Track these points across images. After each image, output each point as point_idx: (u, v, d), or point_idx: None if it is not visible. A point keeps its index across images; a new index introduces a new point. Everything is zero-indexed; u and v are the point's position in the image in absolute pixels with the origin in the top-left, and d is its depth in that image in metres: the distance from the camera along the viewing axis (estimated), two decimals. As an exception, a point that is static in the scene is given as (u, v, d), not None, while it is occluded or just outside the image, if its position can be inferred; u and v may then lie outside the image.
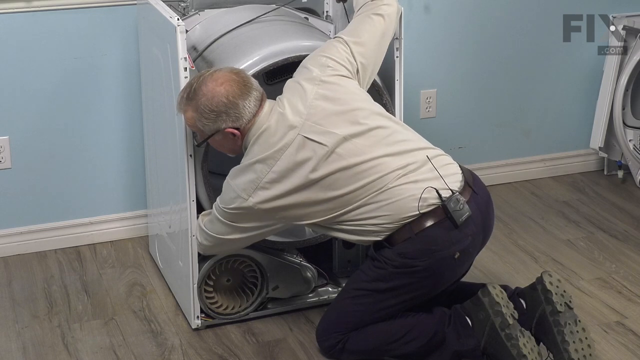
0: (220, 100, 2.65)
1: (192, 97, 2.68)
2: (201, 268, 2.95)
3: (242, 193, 2.69)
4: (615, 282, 3.30)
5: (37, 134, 3.41)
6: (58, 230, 3.51)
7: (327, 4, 3.30)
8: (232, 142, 2.73)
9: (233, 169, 2.75)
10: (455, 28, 3.84)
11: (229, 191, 2.73)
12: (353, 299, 2.77)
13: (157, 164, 3.24)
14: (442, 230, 2.65)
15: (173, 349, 2.93)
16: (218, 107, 2.66)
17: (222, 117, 2.67)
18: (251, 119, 2.69)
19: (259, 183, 2.67)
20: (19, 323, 3.06)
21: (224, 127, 2.68)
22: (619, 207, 3.88)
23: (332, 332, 2.80)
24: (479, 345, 2.70)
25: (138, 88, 3.40)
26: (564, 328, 2.68)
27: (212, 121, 2.68)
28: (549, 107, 4.10)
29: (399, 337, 2.75)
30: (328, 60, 2.75)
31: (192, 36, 3.03)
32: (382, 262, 2.71)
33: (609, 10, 3.95)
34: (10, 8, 3.25)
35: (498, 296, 2.66)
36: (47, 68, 3.35)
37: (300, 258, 3.08)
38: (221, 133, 2.70)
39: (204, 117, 2.68)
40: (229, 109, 2.66)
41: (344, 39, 2.80)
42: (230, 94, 2.66)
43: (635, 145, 4.04)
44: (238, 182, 2.70)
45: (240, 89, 2.67)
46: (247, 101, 2.67)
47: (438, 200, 2.65)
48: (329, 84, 2.72)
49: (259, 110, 2.70)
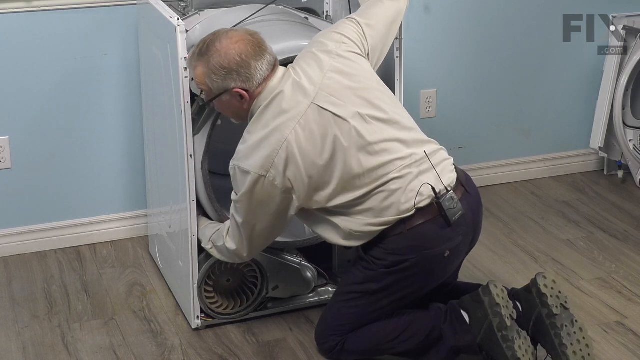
0: (232, 58, 2.61)
1: (204, 52, 2.64)
2: (201, 268, 2.95)
3: (260, 171, 2.62)
4: (615, 282, 3.30)
5: (37, 134, 3.41)
6: (58, 230, 3.51)
7: (327, 4, 3.30)
8: (239, 105, 2.68)
9: (240, 150, 2.67)
10: (455, 28, 3.84)
11: (243, 176, 2.65)
12: (346, 302, 2.77)
13: (157, 164, 3.24)
14: (435, 228, 2.65)
15: (173, 349, 2.93)
16: (230, 65, 2.61)
17: (232, 75, 2.62)
18: (262, 82, 2.65)
19: (275, 157, 2.61)
20: (19, 323, 3.06)
21: (233, 86, 2.63)
22: (619, 207, 3.88)
23: (330, 334, 2.80)
24: (476, 340, 2.70)
25: (138, 88, 3.40)
26: (561, 331, 2.67)
27: (221, 79, 2.63)
28: (549, 107, 4.10)
29: (396, 335, 2.75)
30: (343, 37, 2.72)
31: (192, 36, 3.03)
32: (370, 262, 2.71)
33: (609, 10, 3.95)
34: (10, 8, 3.25)
35: (499, 296, 2.66)
36: (47, 68, 3.35)
37: (300, 258, 3.08)
38: (229, 93, 2.65)
39: (214, 73, 2.63)
40: (240, 68, 2.62)
41: (356, 20, 2.77)
42: (243, 52, 2.61)
43: (635, 145, 4.04)
44: (252, 162, 2.63)
45: (254, 49, 2.63)
46: (259, 63, 2.63)
47: (433, 197, 2.65)
48: (345, 59, 2.69)
49: (271, 75, 2.66)
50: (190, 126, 2.83)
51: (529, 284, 2.76)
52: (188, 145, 2.83)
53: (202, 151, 2.85)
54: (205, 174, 2.88)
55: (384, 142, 2.64)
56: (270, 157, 2.61)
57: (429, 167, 2.67)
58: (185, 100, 2.80)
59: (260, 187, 2.63)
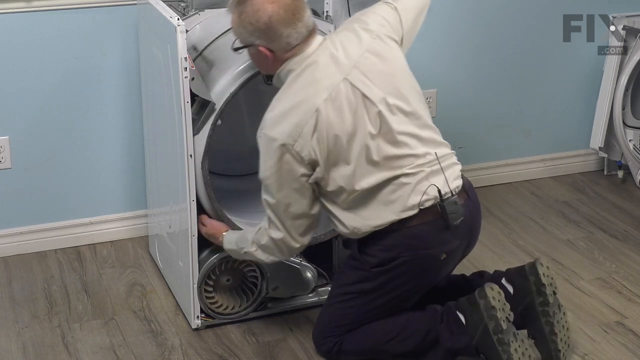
0: (262, 18, 2.58)
1: (241, 2, 2.62)
2: (201, 268, 2.95)
3: (287, 139, 2.57)
4: (615, 282, 3.30)
5: (37, 134, 3.41)
6: (58, 230, 3.51)
7: (327, 4, 3.29)
8: (265, 62, 2.65)
9: (267, 118, 2.62)
10: (455, 28, 3.84)
11: (270, 144, 2.59)
12: (341, 303, 2.77)
13: (157, 164, 3.24)
14: (434, 230, 2.65)
15: (173, 349, 2.93)
16: (257, 24, 2.59)
17: (256, 34, 2.60)
18: (291, 49, 2.61)
19: (304, 125, 2.57)
20: (19, 323, 3.06)
21: (258, 43, 2.61)
22: (619, 207, 3.88)
23: (327, 335, 2.80)
24: (472, 342, 2.70)
25: (138, 88, 3.40)
26: (553, 319, 2.72)
27: (247, 33, 2.61)
28: (549, 107, 4.10)
29: (393, 335, 2.75)
30: (384, 20, 2.70)
31: (192, 36, 3.03)
32: (362, 262, 2.70)
33: (609, 10, 3.95)
34: (10, 8, 3.24)
35: (495, 299, 2.65)
36: (47, 68, 3.35)
37: (300, 258, 3.08)
38: (255, 48, 2.63)
39: (242, 26, 2.62)
40: (267, 30, 2.58)
41: (393, 5, 2.75)
42: (274, 15, 2.57)
43: (635, 145, 4.04)
44: (280, 129, 2.58)
45: (287, 15, 2.58)
46: (289, 29, 2.59)
47: (437, 199, 2.65)
48: (383, 42, 2.67)
49: (304, 43, 2.62)
50: (190, 126, 2.83)
51: (525, 269, 2.77)
52: (188, 145, 2.83)
53: (202, 151, 2.85)
54: (205, 174, 2.88)
55: (404, 135, 2.63)
56: (299, 126, 2.57)
57: (438, 169, 2.67)
58: (185, 100, 2.80)
59: (287, 156, 2.59)
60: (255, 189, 3.31)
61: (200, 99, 2.81)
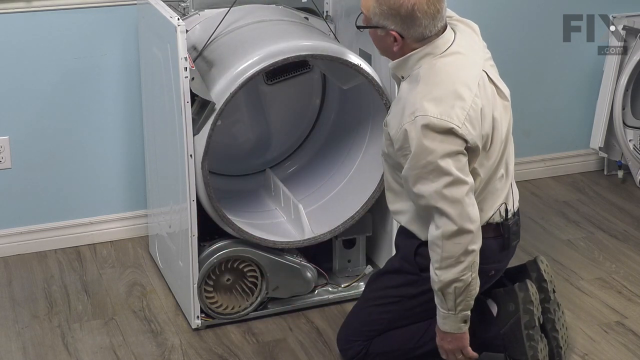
0: (406, 4, 2.48)
1: None
2: (201, 268, 2.95)
3: (455, 120, 2.43)
4: (615, 282, 3.31)
5: (37, 134, 3.41)
6: (58, 230, 3.51)
7: (327, 4, 3.30)
8: (390, 45, 2.57)
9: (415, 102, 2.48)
10: (455, 28, 3.84)
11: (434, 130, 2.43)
12: (378, 307, 2.72)
13: (157, 164, 3.24)
14: (494, 246, 2.61)
15: (173, 349, 2.93)
16: (399, 9, 2.49)
17: (394, 19, 2.50)
18: (422, 40, 2.52)
19: (468, 109, 2.47)
20: (19, 323, 3.06)
21: (392, 28, 2.52)
22: (619, 207, 3.88)
23: (355, 339, 2.75)
24: (499, 334, 2.69)
25: (138, 88, 3.40)
26: (554, 316, 2.73)
27: (384, 16, 2.51)
28: (549, 107, 4.10)
29: (421, 334, 2.71)
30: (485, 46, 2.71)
31: (192, 36, 3.03)
32: (413, 265, 2.65)
33: (609, 10, 3.95)
34: (10, 8, 3.25)
35: (534, 295, 2.66)
36: (47, 68, 3.35)
37: (300, 258, 3.08)
38: (385, 31, 2.54)
39: (378, 7, 2.51)
40: (407, 17, 2.49)
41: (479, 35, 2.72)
42: (418, 4, 2.48)
43: (635, 145, 4.04)
44: (442, 109, 2.44)
45: (430, 7, 2.49)
46: (428, 21, 2.50)
47: (503, 217, 2.62)
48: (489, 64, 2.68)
49: (436, 36, 2.54)
50: (190, 126, 2.83)
51: (526, 267, 2.78)
52: (188, 145, 2.83)
53: (202, 151, 2.85)
54: (205, 174, 2.88)
55: (501, 144, 2.59)
56: (464, 109, 2.47)
57: (508, 188, 2.65)
58: (185, 100, 2.80)
59: (451, 138, 2.45)
60: (255, 189, 3.32)
61: (200, 99, 2.81)
